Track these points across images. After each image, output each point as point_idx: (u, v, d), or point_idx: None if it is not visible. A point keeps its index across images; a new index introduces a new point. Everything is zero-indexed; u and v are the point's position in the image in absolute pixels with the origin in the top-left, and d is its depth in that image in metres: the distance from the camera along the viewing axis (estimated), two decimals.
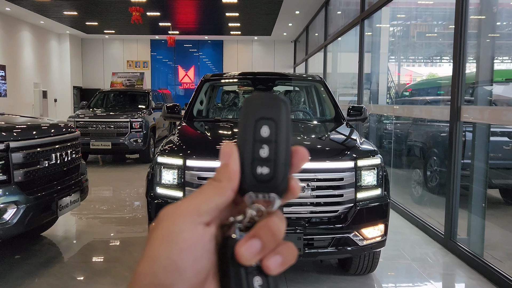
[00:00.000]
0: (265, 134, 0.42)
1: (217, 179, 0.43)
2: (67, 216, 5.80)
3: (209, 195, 0.42)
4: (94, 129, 10.08)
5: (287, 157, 0.43)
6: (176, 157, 3.45)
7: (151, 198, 3.52)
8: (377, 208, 3.48)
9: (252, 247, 0.41)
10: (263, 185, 0.42)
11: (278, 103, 0.43)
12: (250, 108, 0.43)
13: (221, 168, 0.44)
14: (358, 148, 3.56)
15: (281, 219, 0.42)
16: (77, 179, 4.61)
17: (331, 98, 4.94)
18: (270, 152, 0.42)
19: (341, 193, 3.35)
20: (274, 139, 0.42)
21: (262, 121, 0.43)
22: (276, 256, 0.41)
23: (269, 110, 0.43)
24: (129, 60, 21.20)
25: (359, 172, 3.40)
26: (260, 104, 0.43)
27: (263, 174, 0.42)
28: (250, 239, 0.41)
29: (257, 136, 0.43)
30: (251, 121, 0.43)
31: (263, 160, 0.42)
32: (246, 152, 0.43)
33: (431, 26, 8.52)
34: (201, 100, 5.15)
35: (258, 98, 0.44)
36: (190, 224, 0.40)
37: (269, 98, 0.43)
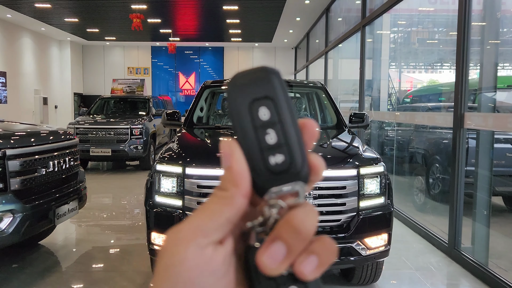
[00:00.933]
0: (265, 116, 0.37)
1: (223, 188, 0.37)
2: (66, 224, 5.74)
3: (215, 209, 0.37)
4: (94, 136, 10.03)
5: (298, 134, 0.37)
6: (175, 165, 3.39)
7: (150, 207, 3.46)
8: (380, 217, 3.42)
9: (274, 253, 0.35)
10: (283, 176, 0.36)
11: (268, 76, 0.37)
12: (237, 92, 0.37)
13: (225, 173, 0.38)
14: (360, 156, 3.50)
15: (308, 210, 0.36)
16: (76, 187, 4.55)
17: (333, 105, 4.88)
18: (278, 135, 0.37)
19: (343, 201, 3.29)
20: (278, 119, 0.37)
21: (256, 103, 0.37)
22: (310, 257, 0.36)
23: (259, 87, 0.37)
24: (130, 66, 21.20)
25: (361, 180, 3.34)
26: (247, 83, 0.37)
27: (278, 164, 0.36)
28: (270, 244, 0.35)
29: (257, 122, 0.37)
30: (243, 107, 0.37)
31: (273, 148, 0.36)
32: (249, 144, 0.37)
33: (432, 33, 8.47)
34: (201, 107, 5.10)
35: (242, 77, 0.37)
36: (195, 250, 0.35)
37: (255, 73, 0.37)
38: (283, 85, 0.37)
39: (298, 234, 0.35)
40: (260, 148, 0.37)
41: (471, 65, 4.67)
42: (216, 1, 13.09)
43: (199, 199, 3.28)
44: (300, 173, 0.36)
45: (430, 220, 5.75)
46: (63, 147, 4.39)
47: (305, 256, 0.36)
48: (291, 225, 0.35)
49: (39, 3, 12.76)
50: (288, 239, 0.35)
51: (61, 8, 13.38)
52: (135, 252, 4.72)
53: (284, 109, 0.37)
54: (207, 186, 3.28)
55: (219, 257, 0.36)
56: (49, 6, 13.09)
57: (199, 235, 0.35)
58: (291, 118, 0.37)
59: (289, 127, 0.37)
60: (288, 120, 0.37)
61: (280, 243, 0.35)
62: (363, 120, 4.71)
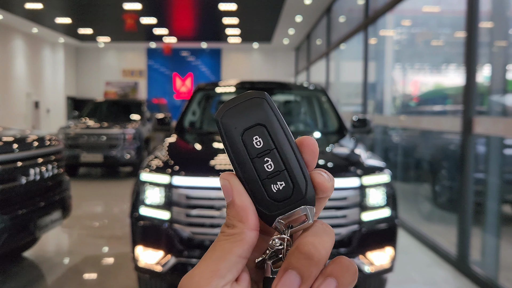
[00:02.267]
0: (260, 144, 0.36)
1: (229, 225, 0.37)
2: (53, 234, 5.46)
3: (225, 248, 0.36)
4: (85, 141, 9.74)
5: (298, 156, 0.37)
6: (162, 174, 3.11)
7: (135, 219, 3.18)
8: (384, 231, 3.15)
9: (288, 283, 0.34)
10: (288, 202, 0.36)
11: (256, 102, 0.36)
12: (227, 124, 0.36)
13: (228, 209, 0.37)
14: (363, 164, 3.23)
15: (319, 232, 0.36)
16: (60, 196, 4.27)
17: (334, 109, 4.62)
18: (275, 162, 0.36)
19: (344, 213, 3.01)
20: (273, 145, 0.36)
21: (248, 132, 0.36)
22: (327, 280, 0.34)
23: (249, 115, 0.36)
24: (125, 69, 20.89)
25: (364, 191, 3.07)
26: (235, 113, 0.36)
27: (280, 191, 0.36)
28: (283, 275, 0.35)
29: (252, 152, 0.36)
30: (236, 139, 0.36)
31: (273, 175, 0.36)
32: (248, 175, 0.36)
33: (437, 34, 8.25)
34: (194, 111, 4.83)
35: (230, 107, 0.37)
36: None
37: (242, 100, 0.36)
38: (274, 108, 0.37)
39: (310, 260, 0.34)
40: (259, 178, 0.36)
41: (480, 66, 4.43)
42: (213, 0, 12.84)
43: (188, 211, 3.01)
44: (305, 195, 0.36)
45: (436, 230, 5.49)
46: (46, 153, 4.12)
47: (322, 280, 0.35)
48: (301, 251, 0.34)
49: (30, 2, 12.48)
50: (300, 267, 0.34)
51: (52, 8, 13.08)
52: (123, 266, 4.44)
53: (279, 133, 0.36)
54: (197, 197, 3.00)
55: None
56: (41, 6, 12.81)
57: (214, 278, 0.35)
58: (287, 141, 0.37)
59: (286, 151, 0.36)
60: (284, 144, 0.37)
61: (292, 272, 0.34)
62: (366, 125, 4.44)
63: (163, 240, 3.04)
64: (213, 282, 0.34)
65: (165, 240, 3.03)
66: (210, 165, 3.17)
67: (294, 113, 4.99)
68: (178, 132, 4.31)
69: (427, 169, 7.20)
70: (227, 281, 0.35)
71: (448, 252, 4.55)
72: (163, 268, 3.00)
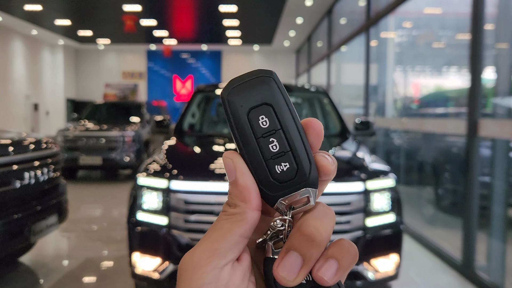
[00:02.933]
0: (266, 124, 0.35)
1: (231, 204, 0.37)
2: (50, 238, 5.37)
3: (227, 228, 0.36)
4: (84, 144, 9.65)
5: (303, 137, 0.36)
6: (160, 178, 3.02)
7: (132, 225, 3.08)
8: (389, 237, 3.05)
9: (290, 265, 0.34)
10: (291, 183, 0.35)
11: (263, 80, 0.35)
12: (233, 102, 0.35)
13: (230, 188, 0.37)
14: (367, 168, 3.13)
15: (321, 214, 0.37)
16: (56, 200, 4.17)
17: (336, 111, 4.52)
18: (281, 143, 0.35)
19: (348, 219, 2.92)
20: (279, 126, 0.36)
21: (254, 112, 0.35)
22: (329, 261, 0.35)
23: (256, 94, 0.35)
24: (125, 71, 20.79)
25: (369, 196, 2.98)
26: (242, 91, 0.35)
27: (284, 171, 0.35)
28: (285, 256, 0.35)
29: (258, 131, 0.35)
30: (242, 117, 0.35)
31: (277, 156, 0.35)
32: (252, 155, 0.36)
33: (439, 36, 8.17)
34: (193, 113, 4.74)
35: (236, 84, 0.36)
36: (212, 273, 0.34)
37: (249, 78, 0.36)
38: (281, 87, 0.36)
39: (312, 241, 0.34)
40: (263, 158, 0.36)
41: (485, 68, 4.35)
42: (213, 1, 12.75)
43: (187, 217, 2.92)
44: (309, 177, 0.36)
45: (440, 234, 5.39)
46: (42, 157, 4.02)
47: (323, 262, 0.35)
48: (303, 233, 0.35)
49: (29, 4, 12.40)
50: (302, 248, 0.34)
51: (52, 9, 13.00)
52: (122, 270, 4.34)
53: (285, 113, 0.36)
54: (196, 202, 2.91)
55: (238, 275, 0.35)
56: (40, 8, 12.73)
57: (214, 258, 0.35)
58: (293, 122, 0.36)
59: (292, 132, 0.36)
60: (290, 125, 0.36)
61: (294, 253, 0.34)
62: (369, 128, 4.35)
63: (160, 246, 2.95)
64: (213, 261, 0.34)
65: (163, 247, 2.94)
66: (209, 169, 3.08)
67: None
68: (177, 135, 4.22)
69: (429, 172, 7.11)
70: (228, 261, 0.35)
71: (452, 257, 4.45)
72: (161, 275, 2.91)
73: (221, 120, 4.94)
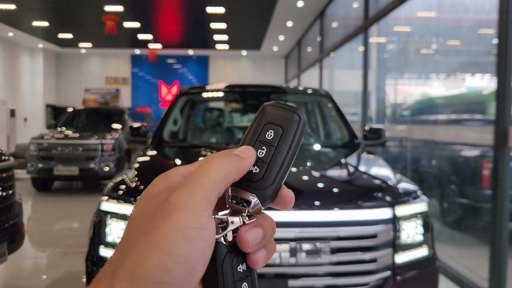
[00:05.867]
0: (269, 137, 0.42)
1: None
2: (25, 252, 4.73)
3: (225, 163, 0.40)
4: (59, 153, 8.87)
5: (282, 168, 0.42)
6: (129, 203, 2.33)
7: (92, 263, 2.38)
8: (424, 277, 2.40)
9: (256, 234, 0.40)
10: (249, 183, 0.41)
11: (292, 114, 0.43)
12: (264, 113, 0.43)
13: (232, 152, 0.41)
14: (394, 188, 2.48)
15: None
16: (7, 224, 3.44)
17: (342, 117, 3.87)
18: (266, 154, 0.42)
19: (373, 256, 2.26)
20: (276, 144, 0.42)
21: (269, 125, 0.43)
22: (263, 250, 0.41)
23: (281, 117, 0.43)
24: (108, 76, 19.97)
25: (398, 224, 2.32)
26: (274, 110, 0.43)
27: (252, 172, 0.42)
28: (253, 227, 0.40)
29: (261, 137, 0.43)
30: (260, 124, 0.43)
31: (259, 160, 0.42)
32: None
33: (431, 42, 7.76)
34: (176, 120, 4.05)
35: (275, 105, 0.44)
36: (208, 218, 0.37)
37: (286, 107, 0.43)
38: (301, 130, 0.43)
39: (273, 230, 0.42)
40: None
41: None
42: (200, 2, 12.07)
43: None
44: (263, 191, 0.41)
45: (447, 252, 4.76)
46: None
47: (261, 249, 0.41)
48: (270, 221, 0.42)
49: (1, 4, 11.59)
50: (266, 228, 0.41)
51: (27, 9, 12.16)
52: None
53: (287, 142, 0.42)
54: None
55: (213, 232, 0.38)
56: (14, 7, 11.90)
57: (208, 207, 0.37)
58: (287, 153, 0.42)
59: (280, 155, 0.42)
60: (283, 151, 0.42)
61: (261, 229, 0.40)
62: (380, 136, 3.70)
63: None
64: (207, 210, 0.37)
65: None
66: None
67: None
68: (155, 146, 3.52)
69: (433, 184, 6.57)
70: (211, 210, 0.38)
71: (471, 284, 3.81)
72: None
73: (207, 128, 4.25)
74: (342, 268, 2.23)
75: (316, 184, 2.52)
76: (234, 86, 4.24)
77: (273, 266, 2.17)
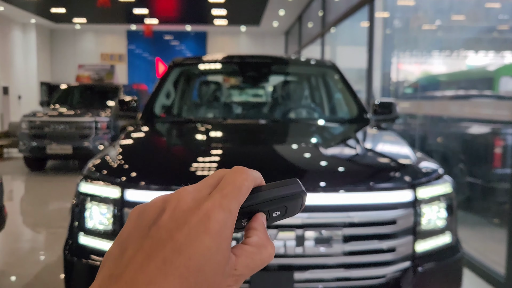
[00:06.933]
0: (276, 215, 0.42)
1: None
2: (19, 231, 4.48)
3: (241, 185, 0.38)
4: (52, 131, 8.56)
5: None
6: (110, 184, 2.03)
7: (70, 253, 2.09)
8: (448, 268, 2.12)
9: (261, 218, 0.41)
10: None
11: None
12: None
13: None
14: (415, 168, 2.18)
15: None
16: None
17: (350, 90, 3.55)
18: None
19: (392, 245, 1.97)
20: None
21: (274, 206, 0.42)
22: None
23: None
24: (104, 53, 19.48)
25: (419, 209, 2.03)
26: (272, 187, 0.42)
27: None
28: (257, 215, 0.41)
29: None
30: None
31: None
32: None
33: (435, 18, 7.42)
34: (168, 93, 3.73)
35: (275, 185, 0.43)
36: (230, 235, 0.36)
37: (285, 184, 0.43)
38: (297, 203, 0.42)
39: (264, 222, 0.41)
40: None
41: None
42: None
43: None
44: None
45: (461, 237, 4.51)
46: None
47: None
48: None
49: None
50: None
51: None
52: None
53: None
54: None
55: None
56: None
57: (232, 222, 0.36)
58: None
59: None
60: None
61: (263, 214, 0.40)
62: (391, 111, 3.38)
63: None
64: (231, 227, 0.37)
65: None
66: (186, 171, 2.10)
67: (296, 97, 3.90)
68: (145, 121, 3.21)
69: (440, 163, 6.29)
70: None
71: (487, 270, 3.55)
72: None
73: (203, 103, 3.92)
74: (356, 259, 1.94)
75: (325, 163, 2.22)
76: (232, 57, 3.90)
77: (277, 257, 1.89)
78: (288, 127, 3.22)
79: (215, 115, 3.71)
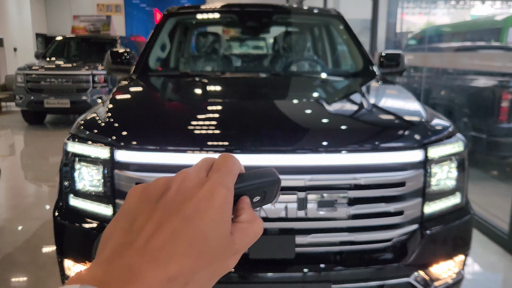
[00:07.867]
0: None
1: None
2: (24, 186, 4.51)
3: (233, 169, 0.43)
4: (49, 84, 8.37)
5: None
6: (99, 144, 1.90)
7: (60, 215, 1.99)
8: (456, 230, 2.02)
9: (246, 199, 0.45)
10: None
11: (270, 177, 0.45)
12: None
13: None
14: (426, 125, 2.03)
15: None
16: None
17: (356, 41, 3.35)
18: None
19: (399, 208, 1.86)
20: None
21: None
22: None
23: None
24: (99, 3, 18.84)
25: (430, 169, 1.90)
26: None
27: None
28: (242, 198, 0.45)
29: None
30: None
31: None
32: None
33: None
34: (163, 46, 3.53)
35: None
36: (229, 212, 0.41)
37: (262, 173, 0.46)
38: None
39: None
40: None
41: None
42: None
43: None
44: None
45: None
46: None
47: None
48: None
49: None
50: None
51: None
52: None
53: None
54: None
55: None
56: None
57: (231, 198, 0.41)
58: None
59: None
60: None
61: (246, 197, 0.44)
62: (398, 63, 3.20)
63: None
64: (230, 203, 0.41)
65: None
66: (183, 129, 1.96)
67: (298, 49, 3.70)
68: (138, 75, 3.03)
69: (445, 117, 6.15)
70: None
71: (490, 226, 3.48)
72: None
73: (201, 55, 3.72)
74: (361, 222, 1.84)
75: (329, 120, 2.07)
76: (230, 6, 3.67)
77: (278, 221, 1.78)
78: (290, 81, 3.06)
79: (213, 69, 3.53)
